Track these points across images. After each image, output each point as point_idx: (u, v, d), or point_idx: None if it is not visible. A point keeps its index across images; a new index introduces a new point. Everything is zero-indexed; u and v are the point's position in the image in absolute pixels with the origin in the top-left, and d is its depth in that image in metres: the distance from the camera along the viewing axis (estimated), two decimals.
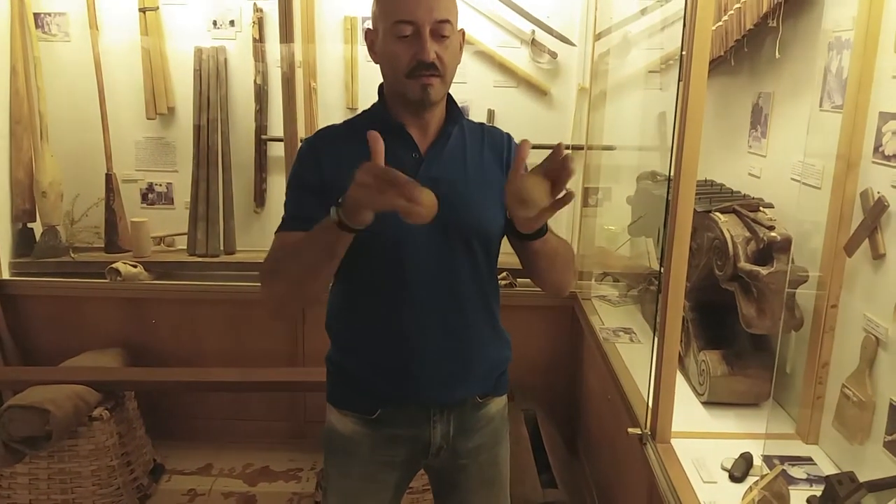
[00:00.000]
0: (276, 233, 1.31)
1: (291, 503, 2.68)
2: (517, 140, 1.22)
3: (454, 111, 1.36)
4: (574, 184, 3.01)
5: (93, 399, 2.51)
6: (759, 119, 2.09)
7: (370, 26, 1.31)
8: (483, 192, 1.33)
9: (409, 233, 1.28)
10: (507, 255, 1.42)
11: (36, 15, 2.97)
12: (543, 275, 1.37)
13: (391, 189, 1.00)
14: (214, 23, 3.01)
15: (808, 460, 1.62)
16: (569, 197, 1.10)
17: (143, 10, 2.95)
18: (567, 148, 3.01)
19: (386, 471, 1.41)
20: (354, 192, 1.04)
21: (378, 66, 1.31)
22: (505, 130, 1.45)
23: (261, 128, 3.08)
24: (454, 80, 1.31)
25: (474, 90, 3.02)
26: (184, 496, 2.72)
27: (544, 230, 1.26)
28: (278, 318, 1.28)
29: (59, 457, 2.46)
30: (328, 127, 1.38)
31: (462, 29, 1.32)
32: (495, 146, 1.39)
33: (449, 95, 1.34)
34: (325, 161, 1.29)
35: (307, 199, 1.27)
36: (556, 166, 1.07)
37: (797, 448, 1.69)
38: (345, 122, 1.39)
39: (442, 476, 1.49)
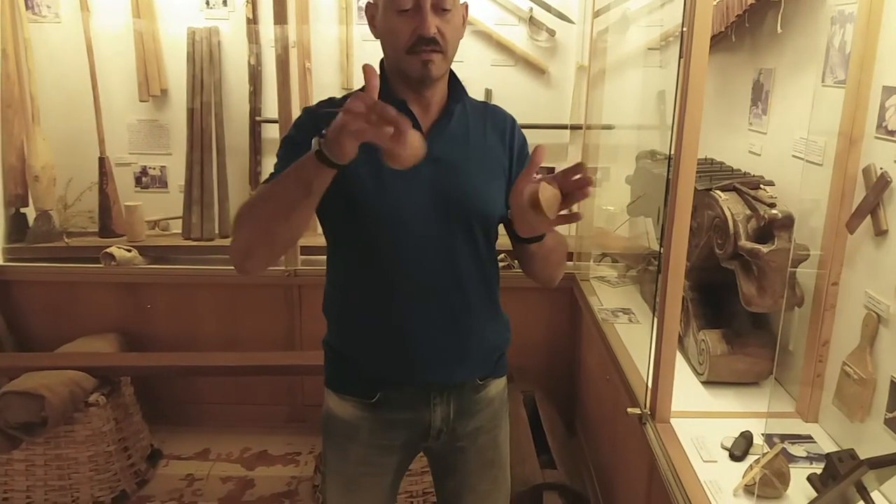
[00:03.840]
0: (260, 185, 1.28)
1: (290, 487, 2.68)
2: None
3: (457, 89, 1.33)
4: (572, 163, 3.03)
5: (89, 385, 2.50)
6: (759, 96, 2.06)
7: (370, 0, 1.28)
8: (485, 174, 1.31)
9: (409, 213, 1.26)
10: (505, 236, 1.40)
11: None
12: (536, 271, 1.38)
13: (381, 122, 0.96)
14: (207, 2, 2.97)
15: (808, 438, 1.62)
16: (575, 217, 1.10)
17: None
18: (565, 128, 3.02)
19: (385, 455, 1.41)
20: (342, 118, 0.99)
21: (378, 41, 1.28)
22: (506, 110, 1.42)
23: (255, 109, 3.05)
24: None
25: (471, 69, 2.98)
26: (182, 481, 2.72)
27: (542, 235, 1.25)
28: (242, 271, 1.22)
29: (56, 443, 2.46)
30: (330, 98, 1.37)
31: (465, 2, 1.29)
32: (498, 127, 1.37)
33: (452, 72, 1.31)
34: (323, 128, 1.26)
35: (297, 158, 1.23)
36: (571, 184, 1.07)
37: (797, 426, 1.68)
38: (345, 95, 1.37)
39: (441, 458, 1.49)
